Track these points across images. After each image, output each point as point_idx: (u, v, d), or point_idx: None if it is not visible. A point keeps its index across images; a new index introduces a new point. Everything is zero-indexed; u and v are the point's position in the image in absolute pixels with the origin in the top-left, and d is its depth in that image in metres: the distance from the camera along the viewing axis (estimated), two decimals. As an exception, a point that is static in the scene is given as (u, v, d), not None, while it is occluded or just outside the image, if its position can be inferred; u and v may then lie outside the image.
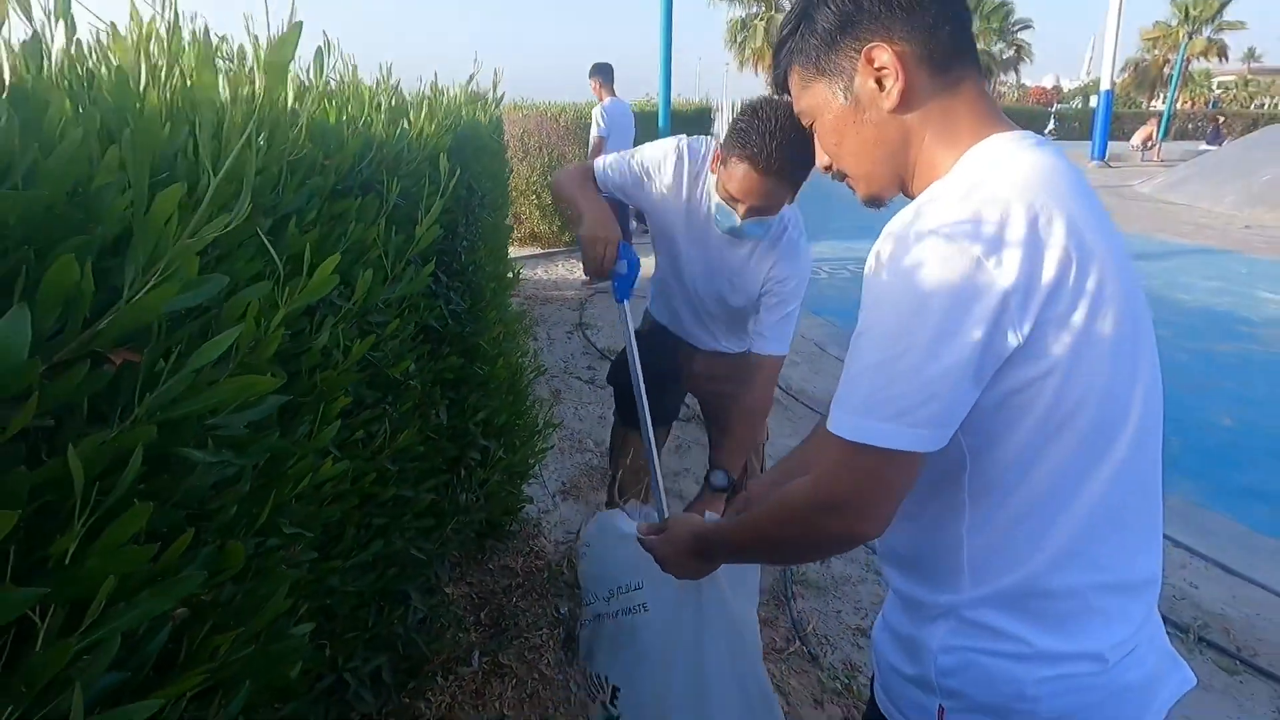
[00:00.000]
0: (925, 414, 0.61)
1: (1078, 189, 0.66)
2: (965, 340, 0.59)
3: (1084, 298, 0.62)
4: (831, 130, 0.76)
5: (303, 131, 0.85)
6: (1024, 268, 0.59)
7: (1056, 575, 0.67)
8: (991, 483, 0.67)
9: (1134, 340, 0.66)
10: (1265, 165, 10.96)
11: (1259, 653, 1.96)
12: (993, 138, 0.69)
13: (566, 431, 3.17)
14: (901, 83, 0.69)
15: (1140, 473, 0.69)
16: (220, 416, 0.65)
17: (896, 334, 0.62)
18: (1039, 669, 0.67)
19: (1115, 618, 0.68)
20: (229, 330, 0.53)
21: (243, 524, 0.68)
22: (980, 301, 0.59)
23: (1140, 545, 0.71)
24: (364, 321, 1.10)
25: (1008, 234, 0.60)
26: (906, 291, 0.61)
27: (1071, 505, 0.66)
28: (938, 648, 0.71)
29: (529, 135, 6.90)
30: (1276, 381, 4.23)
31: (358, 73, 1.46)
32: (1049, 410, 0.63)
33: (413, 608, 1.44)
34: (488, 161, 2.04)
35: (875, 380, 0.62)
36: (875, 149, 0.73)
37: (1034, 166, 0.65)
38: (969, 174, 0.67)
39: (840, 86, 0.73)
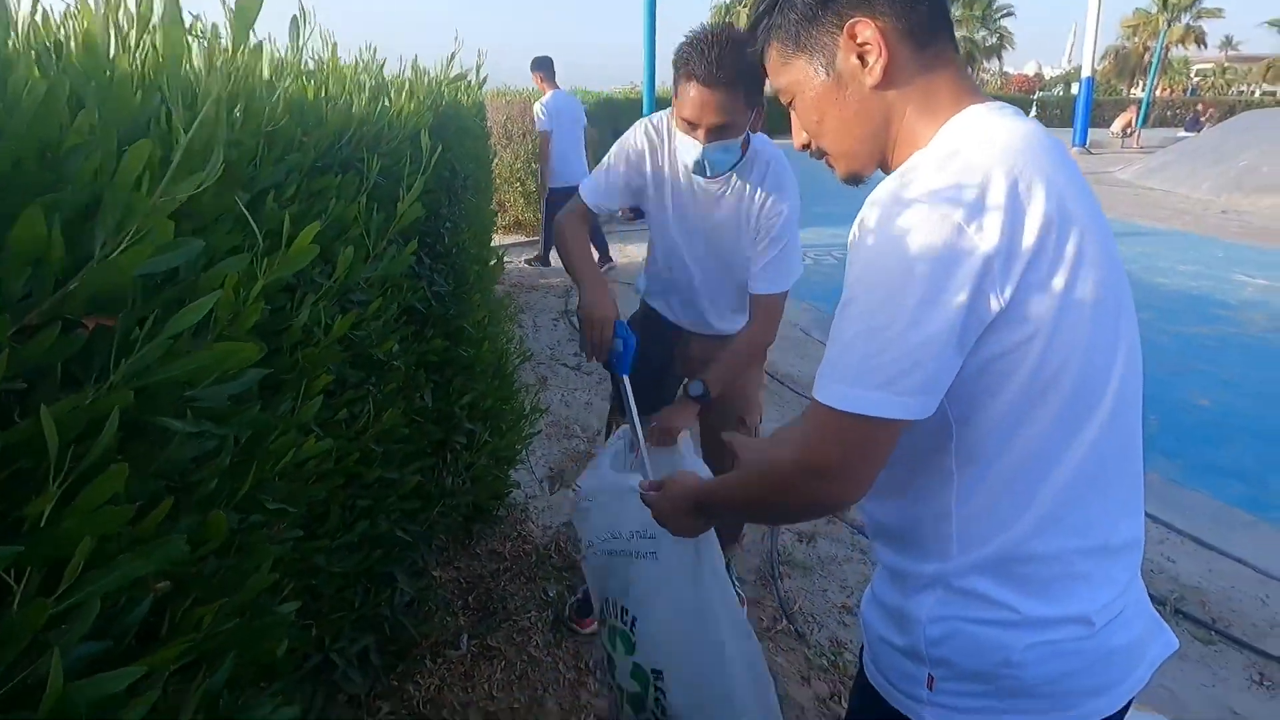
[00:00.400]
0: (911, 382, 0.61)
1: (1056, 156, 0.67)
2: (949, 306, 0.60)
3: (1064, 262, 0.62)
4: (812, 107, 0.75)
5: (280, 103, 0.83)
6: (1005, 232, 0.60)
7: (1040, 540, 0.67)
8: (977, 450, 0.67)
9: (1115, 307, 0.67)
10: (1241, 151, 11.11)
11: (1233, 623, 2.00)
12: (971, 108, 0.70)
13: (553, 417, 3.17)
14: (884, 59, 0.69)
15: (1121, 438, 0.70)
16: (200, 388, 0.64)
17: (881, 303, 0.62)
18: (1026, 635, 0.68)
19: (1100, 581, 0.69)
20: (206, 298, 0.52)
21: (223, 497, 0.67)
22: (962, 267, 0.59)
23: (1122, 509, 0.72)
24: (345, 300, 1.09)
25: (988, 199, 0.60)
26: (890, 260, 0.62)
27: (1055, 470, 0.67)
28: (926, 618, 0.71)
29: (513, 122, 6.85)
30: (1252, 362, 4.31)
31: (337, 51, 1.44)
32: (1031, 375, 0.64)
33: (400, 590, 1.44)
34: (470, 144, 2.02)
35: (862, 349, 0.63)
36: (856, 126, 0.73)
37: (1013, 133, 0.66)
38: (949, 142, 0.67)
39: (821, 63, 0.72)
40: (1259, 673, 1.83)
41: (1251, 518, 2.56)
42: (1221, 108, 26.95)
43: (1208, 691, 1.77)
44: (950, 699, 0.71)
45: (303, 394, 0.90)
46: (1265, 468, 3.06)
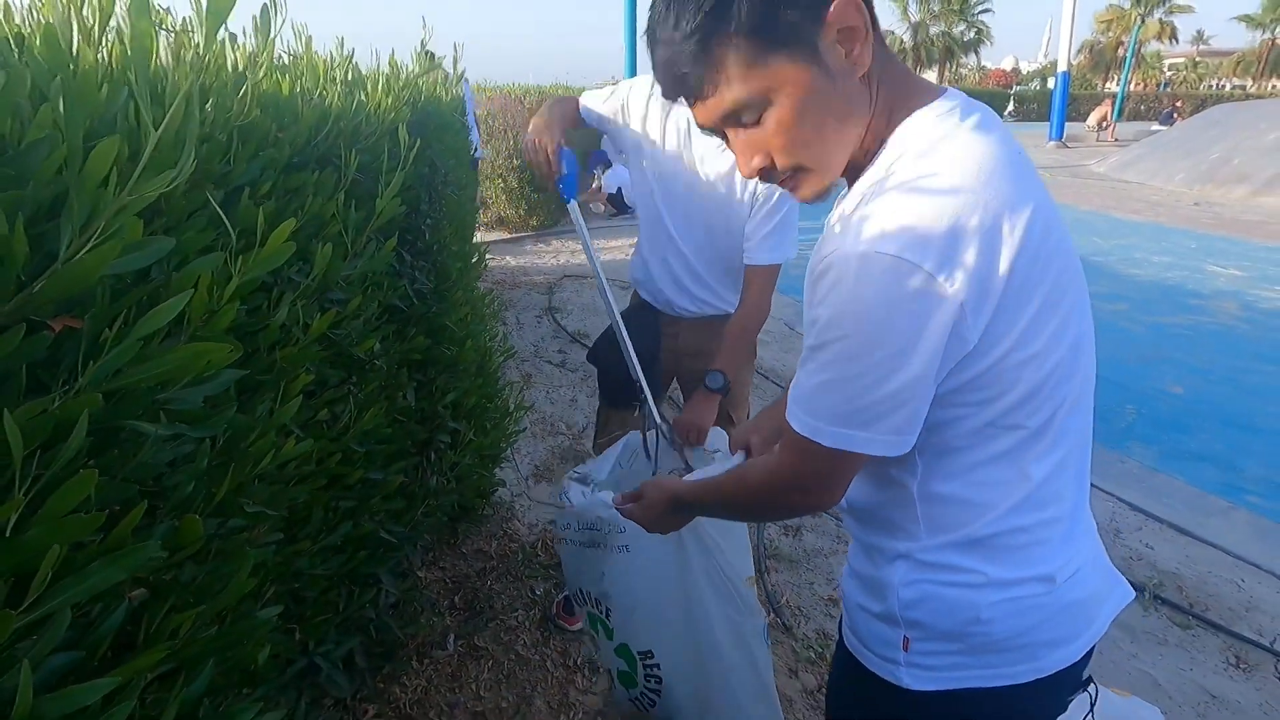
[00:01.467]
0: (894, 423, 0.64)
1: (1015, 165, 0.63)
2: (924, 353, 0.61)
3: (1035, 286, 0.62)
4: (796, 116, 0.64)
5: (249, 97, 0.81)
6: (977, 276, 0.59)
7: (1010, 519, 0.70)
8: (947, 449, 0.69)
9: (1079, 311, 0.68)
10: (1212, 144, 11.32)
11: (1210, 608, 2.04)
12: (919, 114, 0.66)
13: (538, 415, 3.16)
14: (872, 43, 0.64)
15: (1082, 429, 0.72)
16: (174, 390, 0.62)
17: (858, 352, 0.62)
18: (991, 594, 0.70)
19: (1059, 542, 0.72)
20: (177, 297, 0.51)
21: (200, 501, 0.66)
22: (936, 315, 0.59)
23: (1079, 479, 0.75)
24: (324, 298, 1.07)
25: (960, 244, 0.58)
26: (863, 309, 0.60)
27: (1027, 460, 0.69)
28: (899, 583, 0.74)
29: (494, 117, 6.79)
30: (1224, 351, 4.39)
31: (311, 44, 1.41)
32: (1004, 389, 0.65)
33: (384, 591, 1.42)
34: (450, 139, 2.00)
35: (841, 393, 0.64)
36: (843, 127, 0.66)
37: (974, 153, 0.62)
38: (910, 165, 0.63)
39: (806, 59, 0.62)
40: (1235, 655, 1.87)
41: (1226, 503, 2.61)
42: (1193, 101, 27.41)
43: (1186, 675, 1.81)
44: (925, 659, 0.74)
45: (281, 395, 0.88)
46: (1237, 453, 3.12)
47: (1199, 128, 12.61)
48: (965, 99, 0.68)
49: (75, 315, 0.48)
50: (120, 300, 0.58)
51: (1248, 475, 2.95)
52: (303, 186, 1.02)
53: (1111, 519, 2.48)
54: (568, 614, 1.86)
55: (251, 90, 0.82)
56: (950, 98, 0.68)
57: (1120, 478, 2.75)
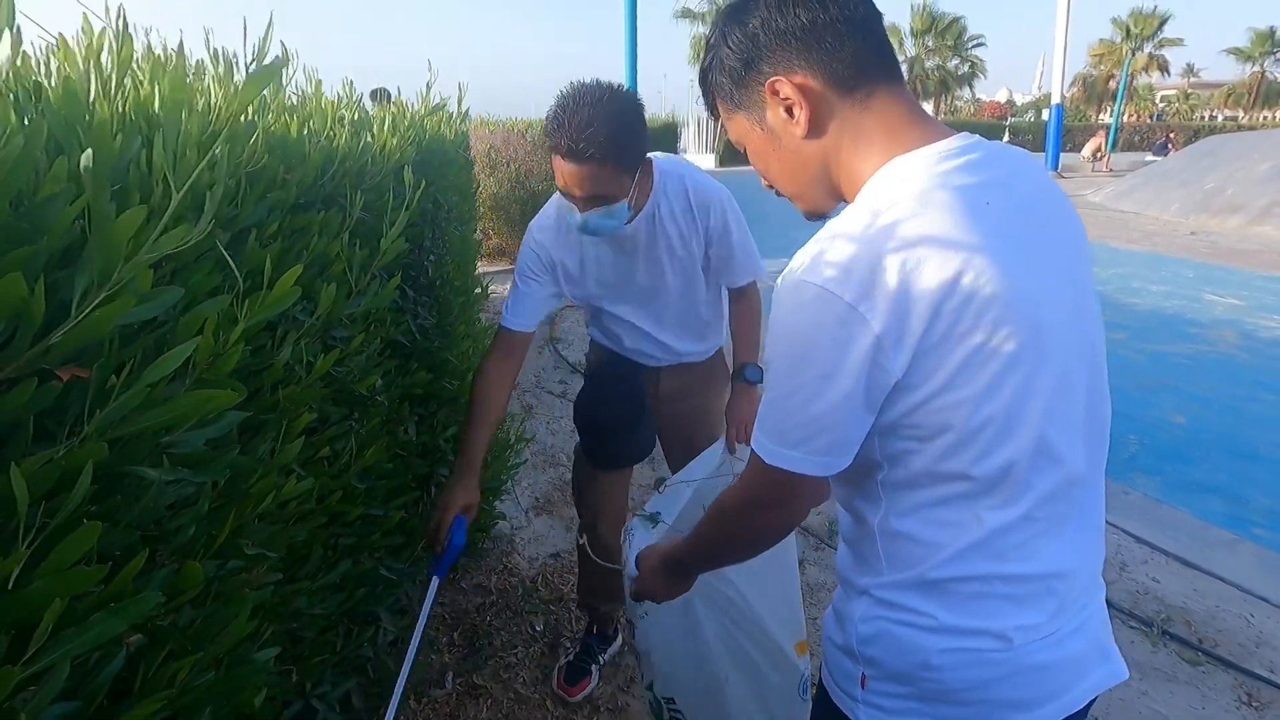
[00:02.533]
0: (820, 444, 0.67)
1: (972, 214, 0.64)
2: (846, 378, 0.64)
3: (967, 333, 0.62)
4: (758, 158, 0.79)
5: (258, 143, 0.83)
6: (892, 311, 0.62)
7: (964, 564, 0.69)
8: (905, 483, 0.70)
9: (1035, 357, 0.65)
10: (1208, 174, 11.45)
11: (1219, 643, 2.01)
12: (894, 162, 0.69)
13: (539, 446, 3.15)
14: (807, 111, 0.71)
15: (1059, 493, 0.70)
16: (177, 434, 0.63)
17: (788, 373, 0.68)
18: (943, 639, 0.70)
19: (1025, 603, 0.70)
20: (184, 344, 0.52)
21: (201, 545, 0.66)
22: (855, 344, 0.63)
23: (1051, 539, 0.71)
24: (328, 336, 1.08)
25: (880, 281, 0.62)
26: (794, 332, 0.67)
27: (984, 505, 0.68)
28: (859, 617, 0.75)
29: (496, 151, 6.90)
30: (1225, 380, 4.39)
31: (321, 87, 1.45)
32: (941, 429, 0.66)
33: (383, 629, 1.41)
34: (454, 175, 2.03)
35: (778, 412, 0.69)
36: (800, 173, 0.76)
37: (920, 201, 0.65)
38: (863, 212, 0.66)
39: (756, 119, 0.76)
40: (1246, 693, 1.84)
41: (1232, 536, 2.58)
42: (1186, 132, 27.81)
43: (1197, 713, 1.77)
44: (880, 699, 0.74)
45: (284, 434, 0.89)
46: (1241, 484, 3.10)
47: (1193, 158, 12.78)
48: (970, 142, 0.70)
49: (83, 365, 0.49)
50: (129, 346, 0.58)
51: (1253, 506, 2.93)
52: (308, 227, 1.03)
53: (1117, 552, 2.46)
54: (569, 684, 1.78)
55: (261, 135, 0.84)
56: (952, 141, 0.70)
57: (1125, 509, 2.73)
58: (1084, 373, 0.71)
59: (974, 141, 0.71)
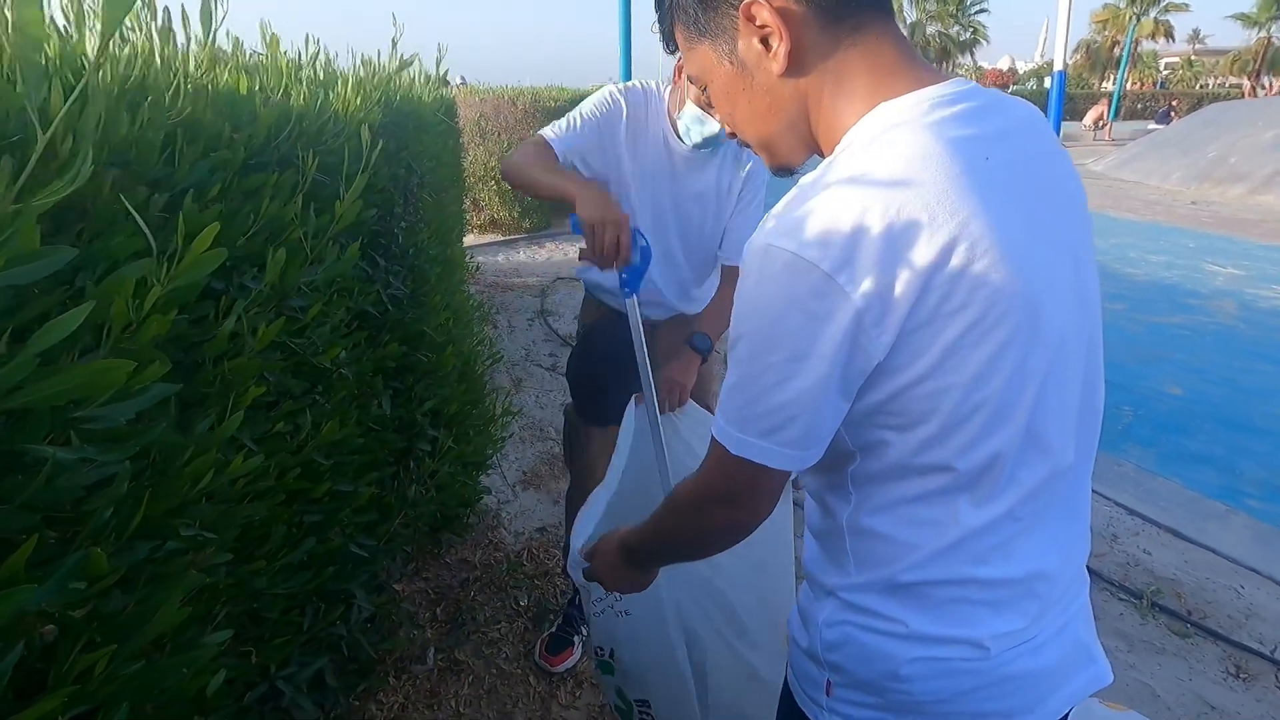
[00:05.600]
0: (790, 435, 0.60)
1: (969, 171, 0.56)
2: (820, 362, 0.56)
3: (957, 310, 0.55)
4: (723, 97, 0.68)
5: (180, 91, 0.77)
6: (878, 283, 0.54)
7: (937, 567, 0.64)
8: (878, 477, 0.64)
9: (1029, 338, 0.58)
10: (1210, 143, 11.29)
11: (1209, 615, 2.00)
12: (881, 107, 0.61)
13: (527, 420, 3.11)
14: (787, 42, 0.61)
15: (1048, 488, 0.64)
16: (93, 409, 0.58)
17: (755, 353, 0.59)
18: (912, 648, 0.64)
19: (1003, 609, 0.65)
20: (74, 310, 0.46)
21: (121, 528, 0.61)
22: (832, 321, 0.55)
23: (1033, 537, 0.66)
24: (284, 306, 1.03)
25: (862, 247, 0.53)
26: (761, 305, 0.58)
27: (961, 503, 0.63)
28: (823, 621, 0.69)
29: (486, 119, 6.75)
30: (1223, 351, 4.35)
31: (278, 43, 1.37)
32: (923, 417, 0.59)
33: (357, 607, 1.37)
34: (429, 141, 1.95)
35: (742, 396, 0.61)
36: (771, 116, 0.66)
37: (911, 151, 0.56)
38: (844, 166, 0.59)
39: (724, 49, 0.65)
40: (1234, 664, 1.83)
41: (1224, 507, 2.56)
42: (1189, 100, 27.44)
43: (1185, 685, 1.77)
44: (846, 708, 0.69)
45: (230, 409, 0.84)
46: (1236, 456, 3.08)
47: (1195, 126, 12.59)
48: (967, 89, 0.62)
49: (-43, 332, 0.44)
50: (25, 310, 0.53)
51: (1247, 478, 2.91)
52: (260, 189, 0.97)
53: (1109, 524, 2.44)
54: (551, 654, 1.76)
55: (183, 83, 0.77)
56: (946, 86, 0.61)
57: (1117, 481, 2.70)
58: (1081, 357, 0.65)
59: (971, 88, 0.62)
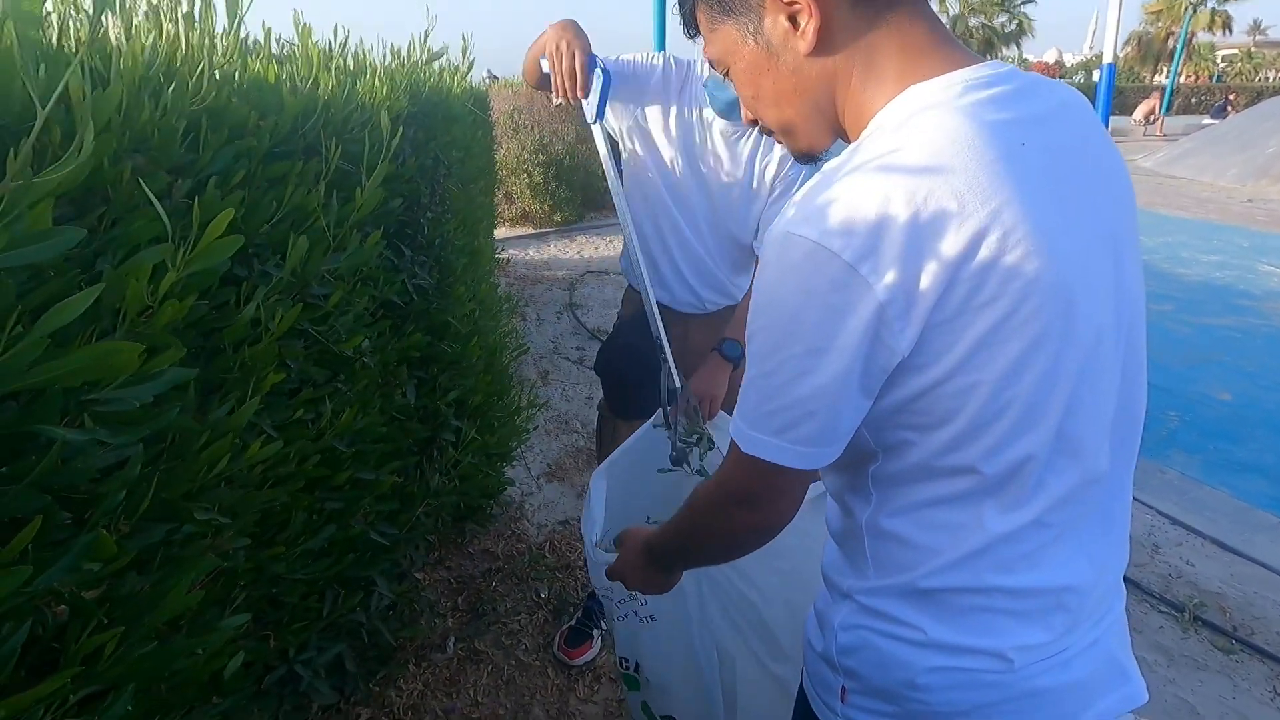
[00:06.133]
0: (803, 433, 0.58)
1: (1006, 156, 0.54)
2: (841, 355, 0.54)
3: (986, 303, 0.53)
4: (746, 79, 0.66)
5: (203, 77, 0.77)
6: (902, 274, 0.51)
7: (960, 573, 0.61)
8: (901, 478, 0.61)
9: (1063, 335, 0.55)
10: (1268, 138, 10.80)
11: (1255, 631, 1.91)
12: (911, 90, 0.58)
13: (553, 412, 3.11)
14: (817, 19, 0.58)
15: (1081, 496, 0.61)
16: (108, 391, 0.58)
17: (773, 348, 0.57)
18: (931, 657, 0.62)
19: (1030, 621, 0.62)
20: (84, 292, 0.46)
21: (134, 510, 0.62)
22: (854, 314, 0.52)
23: (1063, 547, 0.62)
24: (305, 293, 1.03)
25: (887, 236, 0.51)
26: (780, 298, 0.56)
27: (987, 508, 0.59)
28: (839, 625, 0.67)
29: (519, 113, 6.77)
30: (1276, 355, 4.16)
31: (310, 33, 1.38)
32: (949, 416, 0.56)
33: (378, 594, 1.39)
34: (458, 132, 1.95)
35: (758, 393, 0.59)
36: (796, 98, 0.63)
37: (945, 133, 0.54)
38: (869, 151, 0.56)
39: (749, 28, 0.63)
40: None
41: (1276, 519, 2.45)
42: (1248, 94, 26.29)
43: (1228, 703, 1.69)
44: (861, 715, 0.66)
45: (250, 394, 0.85)
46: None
47: (1254, 121, 12.04)
48: (1003, 71, 0.58)
49: (-34, 312, 0.44)
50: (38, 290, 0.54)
51: (1300, 489, 2.77)
52: (284, 177, 0.98)
53: (1150, 533, 2.35)
54: (570, 647, 1.75)
55: (208, 69, 0.77)
56: (981, 69, 0.58)
57: (1159, 489, 2.60)
58: (1120, 356, 0.61)
59: (1008, 70, 0.59)
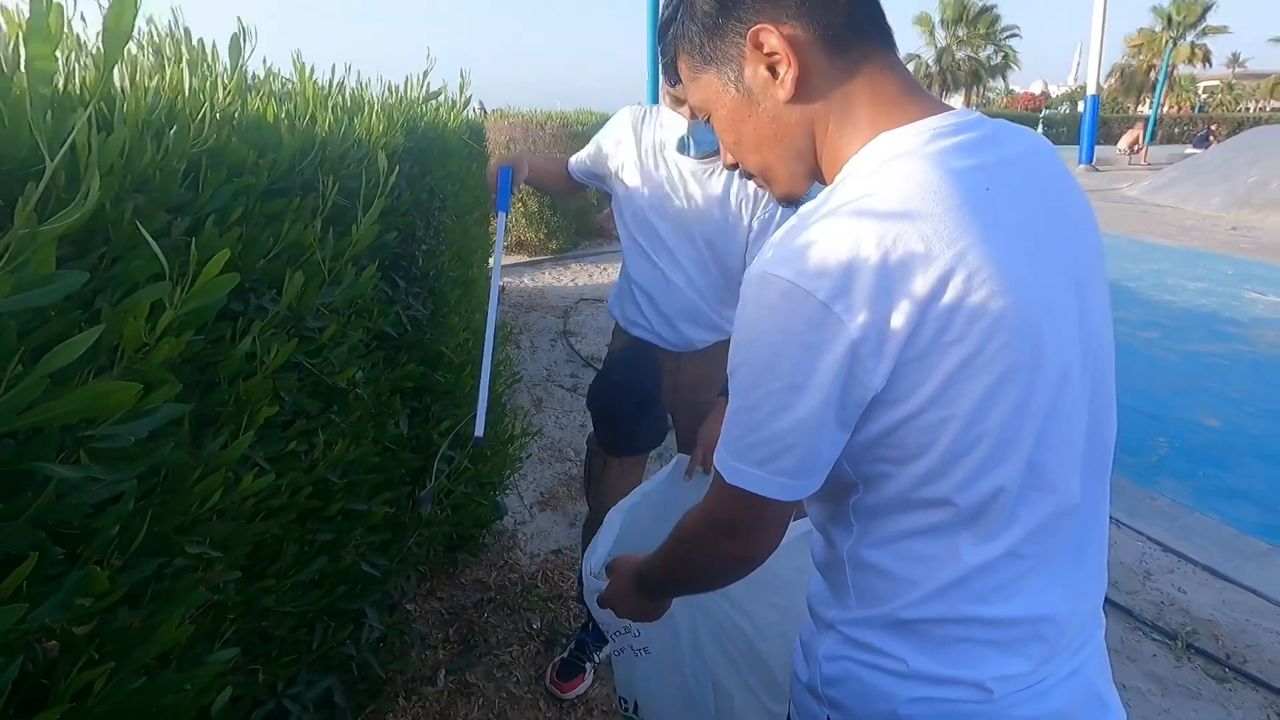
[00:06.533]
0: (784, 465, 0.60)
1: (970, 201, 0.56)
2: (818, 390, 0.56)
3: (954, 341, 0.55)
4: (728, 125, 0.68)
5: (206, 119, 0.79)
6: (874, 312, 0.54)
7: (933, 605, 0.62)
8: (880, 509, 0.63)
9: (1031, 371, 0.57)
10: (1249, 167, 11.02)
11: (1249, 659, 1.91)
12: (882, 137, 0.61)
13: (546, 440, 3.11)
14: (795, 69, 0.61)
15: (1036, 513, 0.62)
16: (104, 428, 0.60)
17: (753, 383, 0.59)
18: (913, 688, 0.63)
19: (1008, 651, 0.63)
20: (84, 333, 0.48)
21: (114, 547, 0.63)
22: (829, 349, 0.55)
23: (1038, 578, 0.64)
24: (301, 327, 1.05)
25: (859, 276, 0.53)
26: (758, 336, 0.58)
27: (963, 539, 0.61)
28: (823, 655, 0.68)
29: (515, 143, 6.87)
30: (1262, 381, 4.21)
31: (310, 73, 1.41)
32: (923, 450, 0.58)
33: (368, 626, 1.38)
34: (454, 165, 1.99)
35: (740, 425, 0.61)
36: (777, 143, 0.66)
37: (911, 183, 0.57)
38: (843, 195, 0.59)
39: (730, 76, 0.65)
40: (1276, 712, 1.74)
41: (1266, 545, 2.46)
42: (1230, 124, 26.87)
43: (1222, 733, 1.68)
44: None
45: (243, 428, 0.86)
46: (1277, 491, 2.96)
47: (1235, 151, 12.30)
48: (969, 119, 0.62)
49: (-30, 354, 0.46)
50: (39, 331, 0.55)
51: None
52: (281, 214, 1.00)
53: (1141, 560, 2.36)
54: (562, 680, 1.73)
55: (209, 113, 0.80)
56: (948, 117, 0.62)
57: (1150, 516, 2.61)
58: (1087, 389, 0.63)
59: (974, 118, 0.62)
